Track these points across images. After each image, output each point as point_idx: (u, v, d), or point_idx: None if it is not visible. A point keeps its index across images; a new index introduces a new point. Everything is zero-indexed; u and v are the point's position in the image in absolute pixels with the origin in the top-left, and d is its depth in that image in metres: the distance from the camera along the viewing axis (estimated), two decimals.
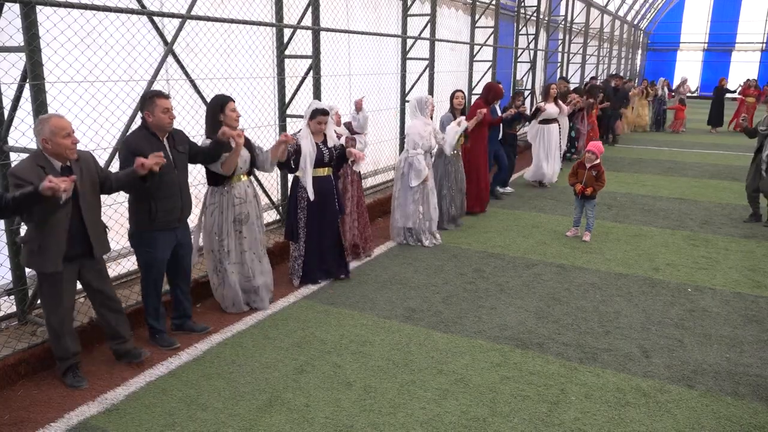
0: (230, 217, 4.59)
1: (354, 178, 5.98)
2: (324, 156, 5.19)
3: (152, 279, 4.09)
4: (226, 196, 4.56)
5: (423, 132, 6.36)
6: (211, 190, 4.62)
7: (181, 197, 4.04)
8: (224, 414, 3.43)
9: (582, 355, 4.17)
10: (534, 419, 3.42)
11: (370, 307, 4.93)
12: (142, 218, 3.94)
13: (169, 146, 3.98)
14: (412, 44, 8.94)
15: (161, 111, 3.84)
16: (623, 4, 24.75)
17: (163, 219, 3.95)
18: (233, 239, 4.64)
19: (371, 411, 3.48)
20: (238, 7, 5.92)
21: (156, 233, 3.98)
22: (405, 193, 6.45)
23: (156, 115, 3.84)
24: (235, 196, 4.59)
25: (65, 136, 3.30)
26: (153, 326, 4.21)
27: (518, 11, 13.45)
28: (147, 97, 3.89)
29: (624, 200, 8.96)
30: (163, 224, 3.97)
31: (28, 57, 3.63)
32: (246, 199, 4.65)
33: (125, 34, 4.74)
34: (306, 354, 4.14)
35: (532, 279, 5.64)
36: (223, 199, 4.56)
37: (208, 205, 4.62)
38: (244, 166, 4.60)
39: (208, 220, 4.63)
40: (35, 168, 3.26)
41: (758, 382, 3.85)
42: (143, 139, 3.86)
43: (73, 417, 3.38)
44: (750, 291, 5.41)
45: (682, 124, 17.82)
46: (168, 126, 3.91)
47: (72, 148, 3.35)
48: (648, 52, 37.16)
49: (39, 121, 3.32)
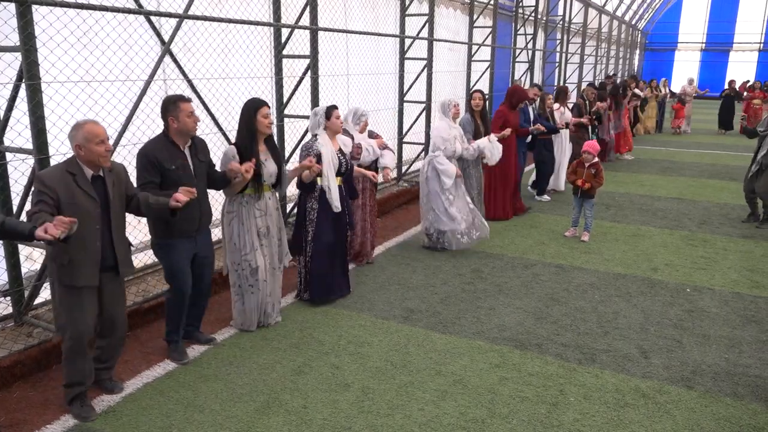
0: (253, 229, 4.33)
1: (366, 185, 5.78)
2: (342, 165, 4.86)
3: (175, 288, 3.94)
4: (246, 206, 4.31)
5: (446, 135, 6.17)
6: (229, 199, 4.36)
7: (200, 207, 3.88)
8: (221, 416, 3.41)
9: (581, 356, 4.15)
10: (533, 420, 3.41)
11: (368, 308, 4.91)
12: (161, 229, 3.81)
13: (191, 154, 3.84)
14: (410, 44, 8.92)
15: (186, 115, 3.69)
16: (621, 4, 24.76)
17: (181, 228, 3.81)
18: (259, 254, 4.38)
19: (369, 412, 3.46)
20: (235, 6, 5.90)
21: (174, 241, 3.85)
22: (435, 197, 6.20)
23: (181, 120, 3.68)
24: (257, 207, 4.34)
25: (99, 143, 3.14)
26: (171, 336, 4.07)
27: (516, 11, 13.45)
28: (171, 101, 3.71)
29: (622, 200, 8.95)
30: (181, 233, 3.84)
31: (24, 57, 3.61)
32: (267, 211, 4.41)
33: (122, 33, 4.72)
34: (304, 355, 4.12)
35: (530, 279, 5.62)
36: (243, 210, 4.31)
37: (226, 214, 4.37)
38: (269, 179, 4.36)
39: (227, 230, 4.38)
40: (65, 175, 3.12)
41: (757, 382, 3.84)
42: (163, 148, 3.71)
43: (69, 419, 3.36)
44: (748, 291, 5.40)
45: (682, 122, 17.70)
46: (193, 130, 3.77)
47: (105, 156, 3.19)
48: (646, 52, 37.19)
49: (74, 126, 3.18)
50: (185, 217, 3.77)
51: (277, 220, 4.52)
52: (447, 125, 6.27)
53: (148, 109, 4.79)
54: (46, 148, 3.78)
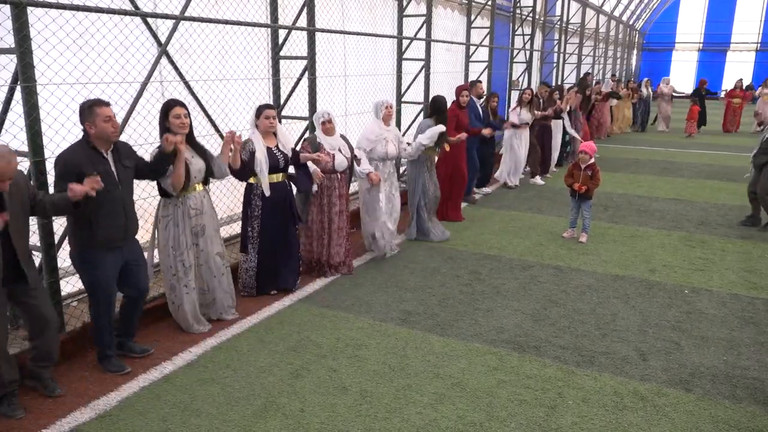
0: (187, 230, 4.28)
1: (342, 192, 5.58)
2: (278, 161, 4.93)
3: (99, 301, 3.78)
4: (181, 207, 4.24)
5: (372, 136, 6.00)
6: (163, 202, 4.27)
7: (125, 215, 3.75)
8: (218, 420, 3.39)
9: (579, 359, 4.14)
10: (531, 424, 3.39)
11: (365, 310, 4.90)
12: (83, 237, 3.64)
13: (114, 160, 3.68)
14: (408, 45, 8.90)
15: (103, 120, 3.52)
16: (618, 5, 24.78)
17: (104, 238, 3.66)
18: (192, 253, 4.34)
19: (367, 416, 3.44)
20: (232, 8, 5.88)
21: (98, 252, 3.68)
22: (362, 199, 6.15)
23: (98, 126, 3.52)
24: (191, 207, 4.28)
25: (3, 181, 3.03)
26: (101, 350, 3.92)
27: (514, 11, 13.44)
28: (86, 107, 3.55)
29: (620, 201, 8.95)
30: (105, 243, 3.68)
31: (20, 59, 3.59)
32: (202, 210, 4.36)
33: (118, 35, 4.70)
34: (301, 358, 4.10)
35: (528, 281, 5.61)
36: (178, 211, 4.24)
37: (161, 218, 4.26)
38: (199, 175, 4.29)
39: (162, 234, 4.26)
40: None
41: (756, 385, 3.83)
42: (82, 155, 3.54)
43: (64, 424, 3.34)
44: (746, 293, 5.40)
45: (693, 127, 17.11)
46: (112, 136, 3.60)
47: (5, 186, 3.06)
48: (643, 52, 37.24)
49: None
50: (110, 226, 3.66)
51: (212, 217, 4.48)
52: (377, 127, 6.08)
53: (145, 111, 4.77)
54: (42, 150, 3.75)
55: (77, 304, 4.44)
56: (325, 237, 5.56)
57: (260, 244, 5.02)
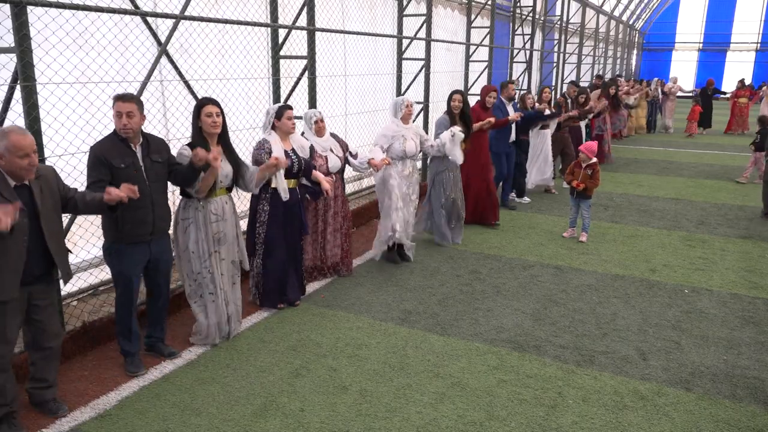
0: (209, 236, 4.10)
1: (338, 193, 5.43)
2: (293, 165, 4.74)
3: (123, 295, 3.78)
4: (202, 211, 4.07)
5: (389, 133, 5.86)
6: (184, 203, 4.12)
7: (153, 210, 3.70)
8: (218, 419, 3.39)
9: (579, 358, 4.14)
10: (531, 423, 3.39)
11: (365, 310, 4.90)
12: (111, 230, 3.66)
13: (142, 154, 3.67)
14: (408, 44, 8.90)
15: (116, 115, 3.55)
16: (618, 5, 24.78)
17: (131, 232, 3.65)
18: (215, 260, 4.16)
19: (367, 415, 3.44)
20: (232, 7, 5.88)
21: (124, 246, 3.67)
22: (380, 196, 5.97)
23: (114, 120, 3.55)
24: (211, 212, 4.10)
25: (23, 156, 2.93)
26: (123, 347, 3.89)
27: (514, 11, 13.44)
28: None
29: (620, 200, 8.95)
30: (132, 237, 3.67)
31: (19, 58, 3.58)
32: (223, 216, 4.16)
33: (118, 34, 4.70)
34: (301, 358, 4.10)
35: (528, 280, 5.61)
36: (199, 215, 4.07)
37: (181, 221, 4.11)
38: (225, 180, 4.14)
39: (182, 237, 4.11)
40: None
41: (756, 384, 3.83)
42: (111, 147, 3.56)
43: (64, 423, 3.34)
44: (746, 292, 5.39)
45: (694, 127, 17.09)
46: (126, 132, 3.56)
47: (29, 170, 2.99)
48: (643, 52, 37.25)
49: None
50: (136, 220, 3.64)
51: (233, 224, 4.30)
52: (395, 124, 5.93)
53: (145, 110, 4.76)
54: (42, 150, 3.75)
55: (77, 304, 4.45)
56: (320, 240, 5.45)
57: (265, 252, 4.79)
